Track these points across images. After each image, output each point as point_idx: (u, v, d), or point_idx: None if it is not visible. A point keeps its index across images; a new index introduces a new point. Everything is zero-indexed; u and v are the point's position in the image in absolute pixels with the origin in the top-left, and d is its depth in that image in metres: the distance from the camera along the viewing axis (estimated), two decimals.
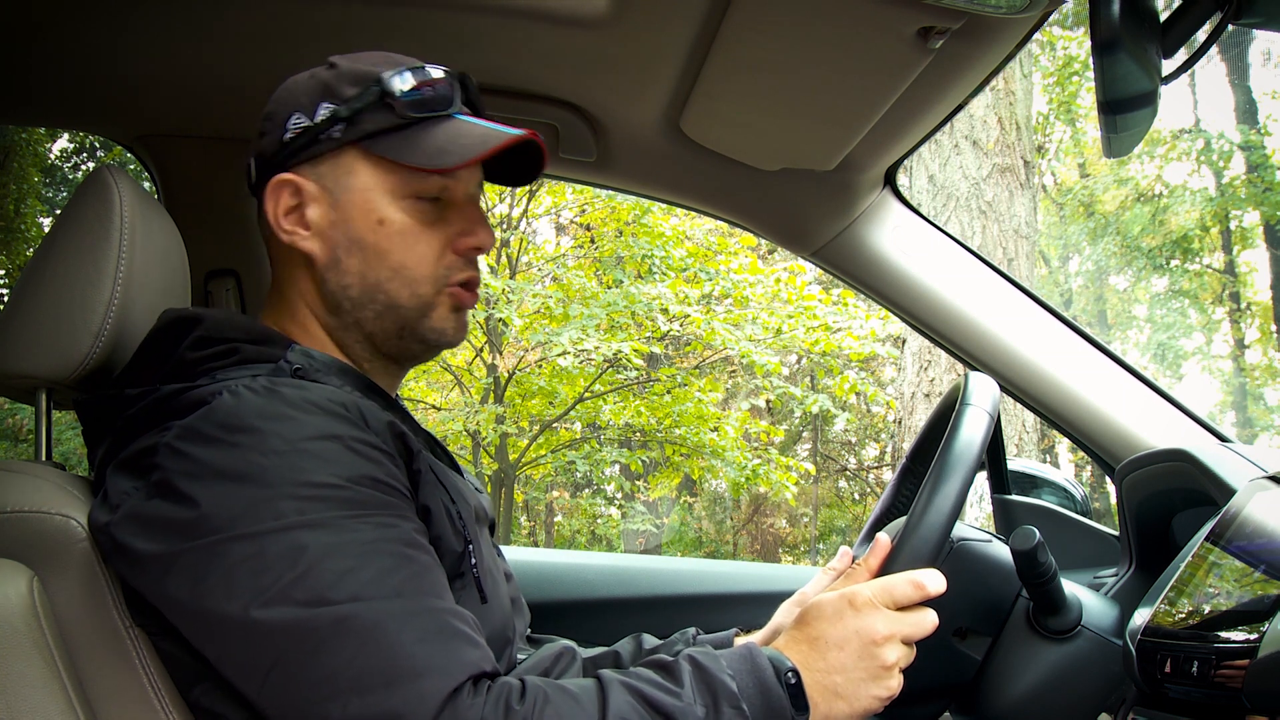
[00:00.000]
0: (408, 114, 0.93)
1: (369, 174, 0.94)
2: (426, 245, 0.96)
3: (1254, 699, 0.78)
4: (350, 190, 0.95)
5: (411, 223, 0.95)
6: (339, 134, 0.94)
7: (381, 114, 0.93)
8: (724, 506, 11.43)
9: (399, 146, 0.93)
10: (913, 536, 0.93)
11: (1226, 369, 13.07)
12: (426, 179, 0.95)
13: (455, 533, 0.91)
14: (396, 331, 0.98)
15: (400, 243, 0.95)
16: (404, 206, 0.95)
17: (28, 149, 7.93)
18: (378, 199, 0.94)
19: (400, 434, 0.88)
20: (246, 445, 0.79)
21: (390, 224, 0.95)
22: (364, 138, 0.94)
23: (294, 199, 0.96)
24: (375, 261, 0.95)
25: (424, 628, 0.76)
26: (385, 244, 0.95)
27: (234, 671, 0.77)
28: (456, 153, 0.92)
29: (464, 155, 0.92)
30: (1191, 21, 0.87)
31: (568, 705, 0.77)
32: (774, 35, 1.08)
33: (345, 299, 0.96)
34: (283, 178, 0.95)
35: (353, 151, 0.95)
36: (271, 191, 0.95)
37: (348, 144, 0.94)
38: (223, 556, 0.76)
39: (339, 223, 0.95)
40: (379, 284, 0.95)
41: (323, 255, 0.96)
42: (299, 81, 0.98)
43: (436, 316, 0.98)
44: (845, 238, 1.51)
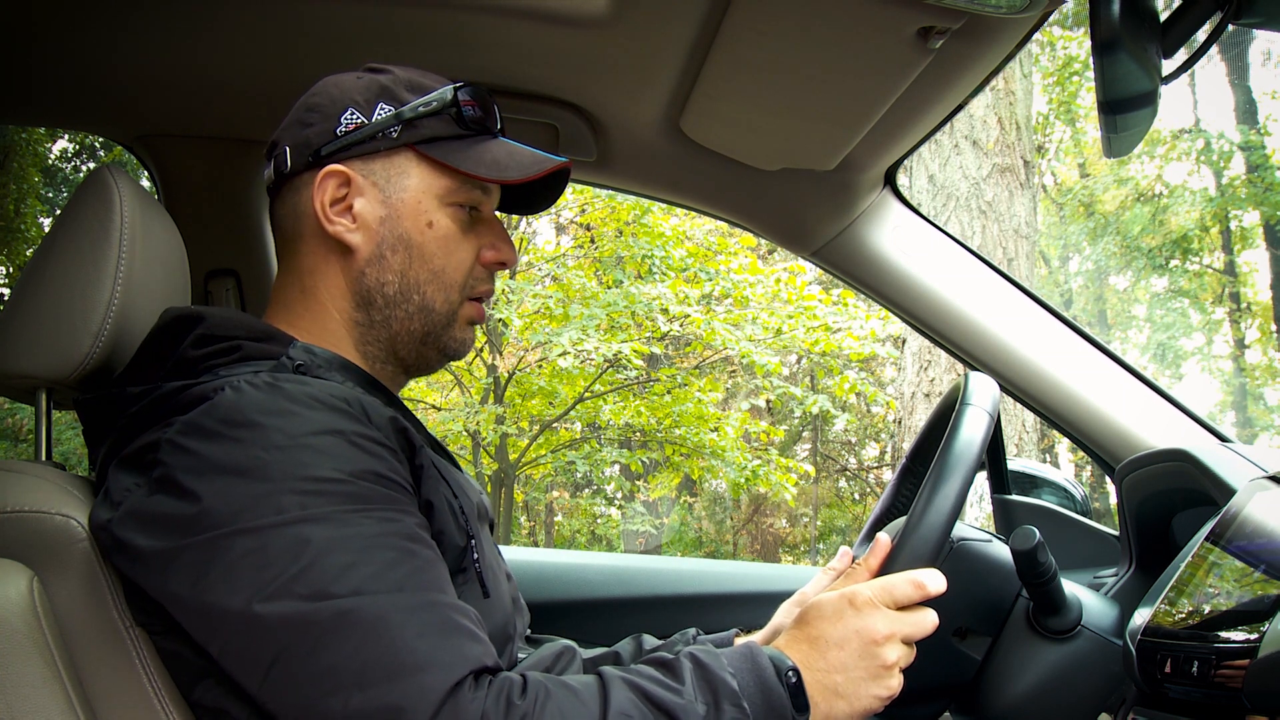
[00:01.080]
0: (467, 126, 0.99)
1: (422, 176, 0.98)
2: (464, 253, 1.01)
3: (1254, 699, 0.78)
4: (404, 190, 0.98)
5: (455, 229, 1.00)
6: (396, 134, 0.97)
7: (441, 122, 0.98)
8: (724, 507, 11.43)
9: (458, 154, 0.98)
10: (913, 536, 0.93)
11: (1226, 369, 13.07)
12: (470, 189, 1.00)
13: (458, 528, 0.91)
14: (421, 336, 1.00)
15: (443, 247, 0.99)
16: (450, 213, 1.00)
17: (28, 149, 7.93)
18: (428, 201, 0.98)
19: (402, 429, 0.89)
20: (249, 440, 0.79)
21: (438, 227, 0.99)
22: (421, 142, 0.97)
23: (342, 190, 0.97)
24: (419, 262, 0.98)
25: (426, 622, 0.76)
26: (431, 246, 0.98)
27: (236, 666, 0.77)
28: (514, 168, 0.98)
29: (522, 171, 0.98)
30: (1191, 21, 0.87)
31: (569, 701, 0.77)
32: (774, 35, 1.08)
33: (380, 295, 0.98)
34: (335, 169, 0.96)
35: (407, 153, 0.98)
36: (321, 181, 0.96)
37: (404, 145, 0.97)
38: (225, 551, 0.76)
39: (388, 219, 0.97)
40: (418, 284, 0.98)
41: (366, 249, 0.98)
42: (347, 80, 1.00)
43: (459, 327, 1.02)
44: (845, 238, 1.51)
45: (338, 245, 0.98)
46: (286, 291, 1.01)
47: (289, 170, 0.98)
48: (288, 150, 0.98)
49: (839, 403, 8.08)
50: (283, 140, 0.99)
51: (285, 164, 0.98)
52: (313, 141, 0.97)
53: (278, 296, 1.02)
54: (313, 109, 0.99)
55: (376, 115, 0.97)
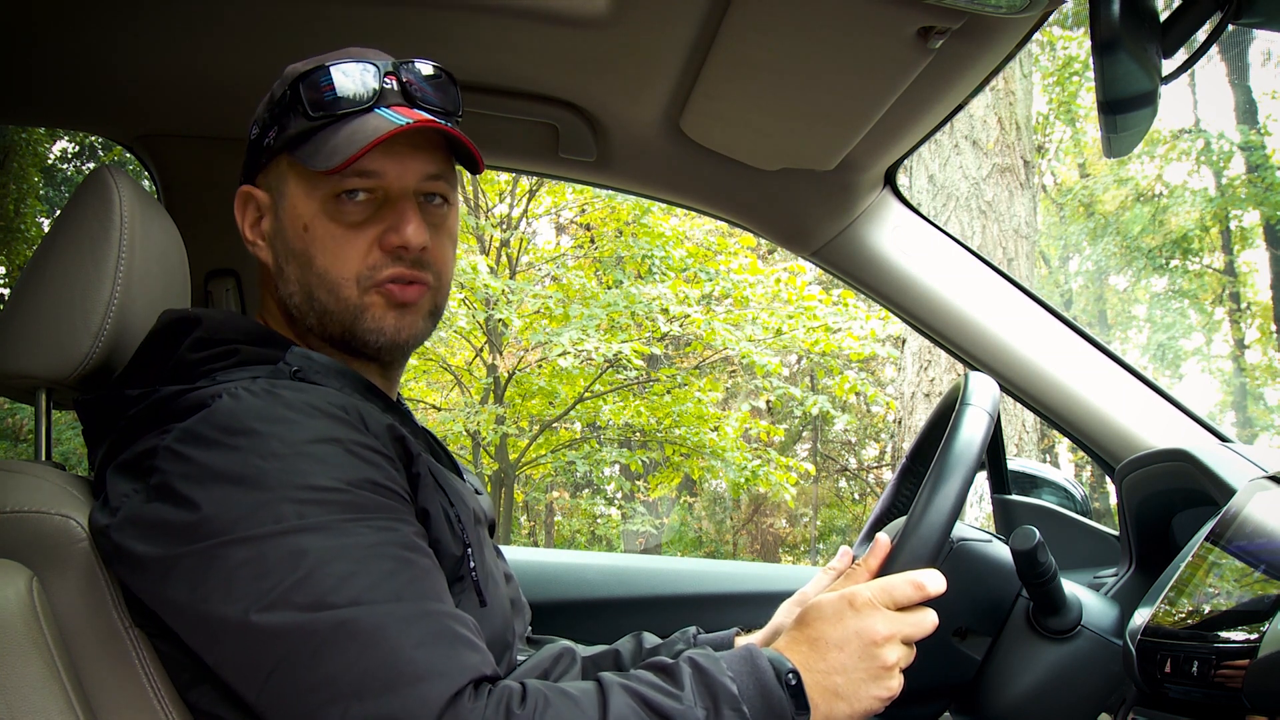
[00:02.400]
0: (315, 115, 0.92)
1: (295, 179, 0.94)
2: (350, 247, 0.93)
3: (1254, 699, 0.78)
4: (285, 197, 0.95)
5: (332, 226, 0.93)
6: (272, 141, 0.95)
7: (298, 118, 0.93)
8: (724, 506, 11.43)
9: (308, 150, 0.92)
10: (913, 536, 0.93)
11: (1226, 369, 13.06)
12: (344, 178, 0.92)
13: (454, 536, 0.90)
14: (340, 335, 0.96)
15: (321, 247, 0.93)
16: (325, 210, 0.93)
17: (28, 149, 7.93)
18: (301, 204, 0.94)
19: (400, 437, 0.88)
20: (246, 448, 0.79)
21: (312, 229, 0.93)
22: (288, 144, 0.93)
23: (256, 211, 0.97)
24: (306, 268, 0.94)
25: (424, 631, 0.75)
26: (311, 249, 0.93)
27: (233, 675, 0.77)
28: (344, 150, 0.89)
29: (348, 152, 0.89)
30: (1191, 21, 0.87)
31: (568, 708, 0.77)
32: (774, 35, 1.08)
33: (293, 306, 0.97)
34: (243, 189, 0.97)
35: (284, 159, 0.95)
36: (238, 204, 0.98)
37: (279, 151, 0.94)
38: (222, 560, 0.75)
39: (279, 231, 0.96)
40: (311, 290, 0.95)
41: (272, 265, 0.97)
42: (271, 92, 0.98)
43: (370, 317, 0.94)
44: (845, 238, 1.51)
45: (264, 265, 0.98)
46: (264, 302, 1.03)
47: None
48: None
49: (839, 403, 8.08)
50: None
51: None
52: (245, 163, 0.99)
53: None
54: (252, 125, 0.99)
55: (259, 125, 0.96)
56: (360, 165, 0.91)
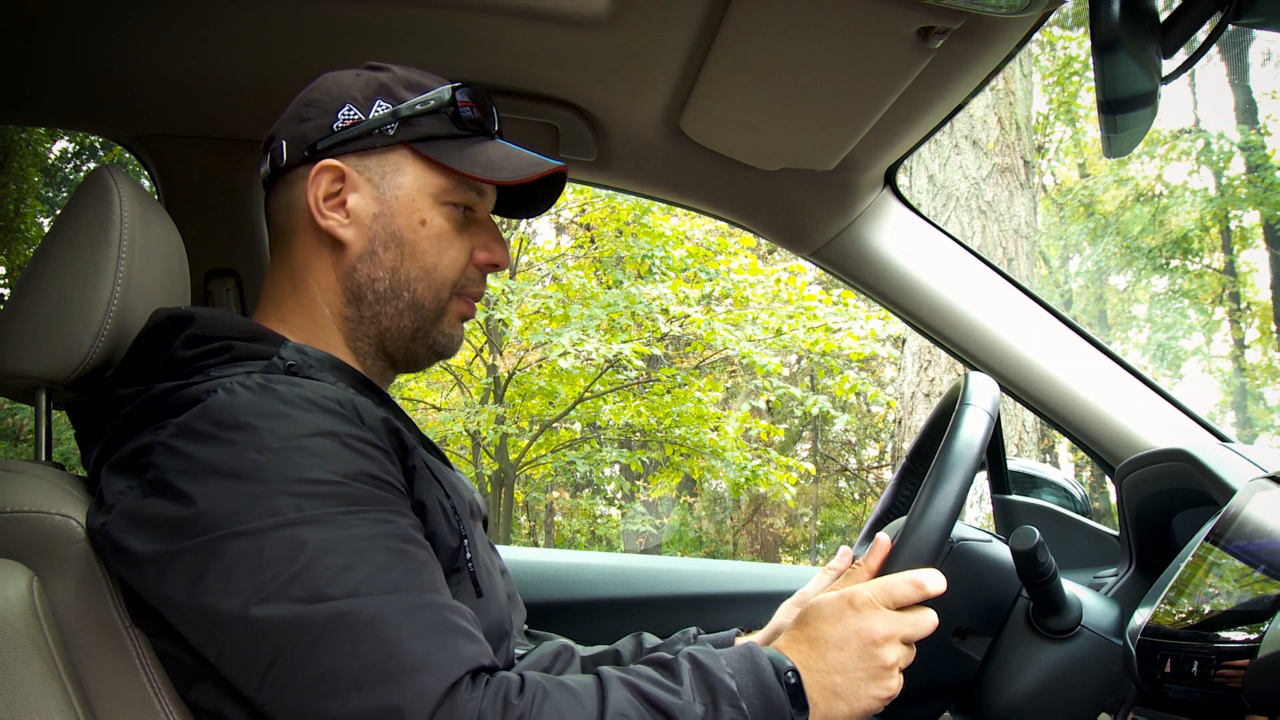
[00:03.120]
0: (464, 126, 1.00)
1: (417, 174, 0.98)
2: (457, 252, 1.01)
3: (1254, 699, 0.78)
4: (398, 187, 0.98)
5: (448, 228, 1.00)
6: (392, 132, 0.97)
7: (438, 121, 0.99)
8: (724, 506, 11.43)
9: (454, 154, 0.98)
10: (913, 536, 0.93)
11: (1226, 369, 13.06)
12: (465, 189, 1.00)
13: (450, 528, 0.91)
14: (411, 332, 1.00)
15: (435, 245, 0.99)
16: (443, 211, 1.00)
17: (28, 149, 7.93)
18: (422, 200, 0.98)
19: (395, 430, 0.88)
20: (242, 442, 0.79)
21: (430, 225, 0.99)
22: (417, 140, 0.98)
23: (336, 186, 0.97)
24: (410, 259, 0.98)
25: (422, 623, 0.76)
26: (423, 244, 0.99)
27: (233, 669, 0.77)
28: (509, 170, 0.99)
29: (517, 173, 0.99)
30: (1191, 21, 0.87)
31: (566, 701, 0.77)
32: (774, 35, 1.08)
33: (370, 291, 0.98)
34: (329, 163, 0.96)
35: (403, 151, 0.98)
36: (315, 175, 0.97)
37: (400, 143, 0.98)
38: (220, 554, 0.76)
39: (381, 215, 0.98)
40: (408, 281, 0.99)
41: (358, 245, 0.98)
42: (346, 77, 1.00)
43: (447, 323, 1.02)
44: (845, 238, 1.51)
45: (330, 240, 0.98)
46: (278, 287, 1.01)
47: (284, 164, 0.98)
48: (284, 144, 0.99)
49: (839, 403, 8.08)
50: (279, 134, 1.00)
51: (281, 158, 0.99)
52: (309, 136, 0.97)
53: (269, 292, 1.02)
54: (310, 104, 0.99)
55: (374, 112, 0.97)
56: (477, 183, 1.00)
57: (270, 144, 1.01)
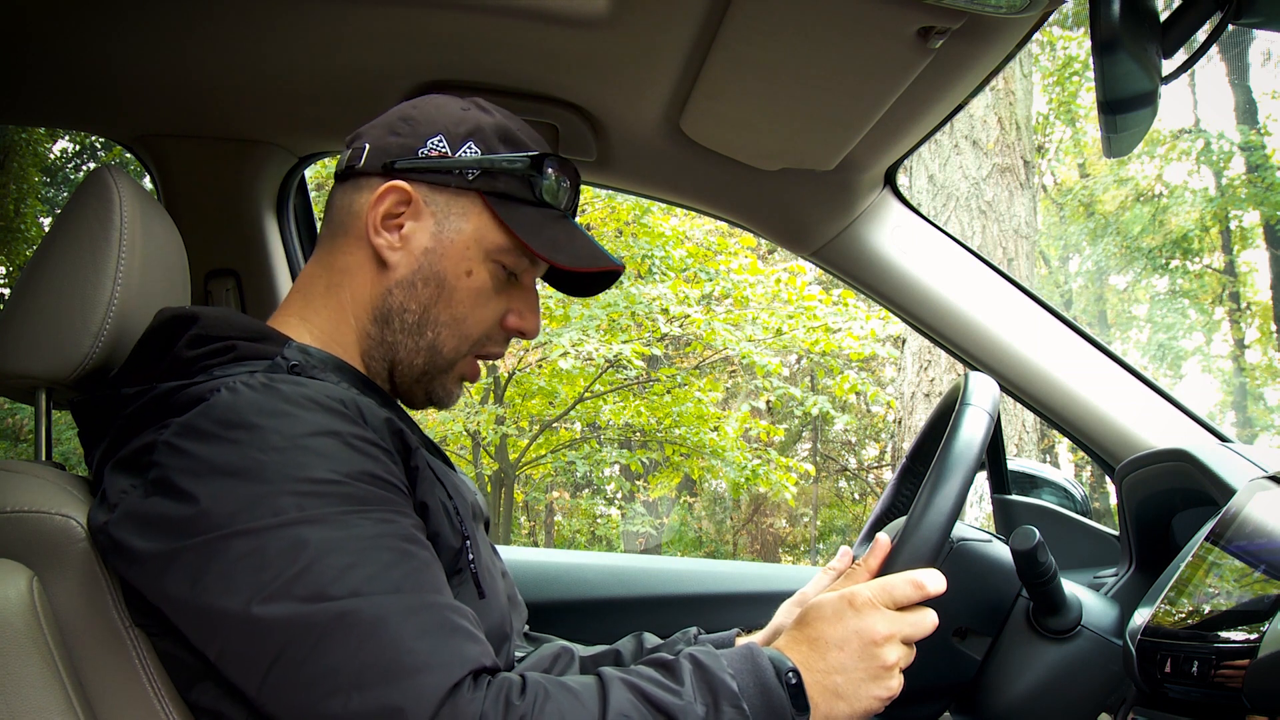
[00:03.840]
0: (542, 198, 1.00)
1: (480, 225, 0.99)
2: (488, 310, 1.01)
3: (1254, 699, 0.78)
4: (458, 231, 0.98)
5: (489, 285, 1.00)
6: (472, 178, 0.98)
7: (519, 184, 0.99)
8: (724, 506, 11.43)
9: (523, 220, 0.98)
10: (913, 536, 0.93)
11: (1226, 369, 13.06)
12: (518, 256, 1.00)
13: (453, 529, 0.91)
14: (419, 373, 1.01)
15: (472, 298, 1.00)
16: (490, 268, 1.00)
17: (28, 149, 7.93)
18: (475, 250, 0.99)
19: (398, 431, 0.89)
20: (245, 442, 0.79)
21: (475, 277, 0.99)
22: (492, 194, 0.98)
23: (399, 208, 0.98)
24: (444, 302, 0.99)
25: (424, 623, 0.76)
26: (461, 293, 0.99)
27: (234, 669, 0.77)
28: (569, 254, 0.99)
29: (575, 261, 0.99)
30: (1191, 21, 0.87)
31: (568, 701, 0.77)
32: (774, 35, 1.08)
33: (399, 319, 0.98)
34: (401, 185, 0.97)
35: (475, 199, 0.98)
36: (384, 191, 0.97)
37: (475, 191, 0.98)
38: (222, 553, 0.76)
39: (432, 252, 0.98)
40: (435, 323, 0.99)
41: (401, 271, 0.98)
42: (450, 106, 1.01)
43: (451, 378, 1.03)
44: (845, 238, 1.51)
45: (376, 256, 0.98)
46: (313, 283, 1.01)
47: (360, 167, 0.99)
48: (366, 148, 0.99)
49: (839, 403, 8.08)
50: (365, 137, 1.00)
51: (360, 159, 0.99)
52: (392, 151, 0.98)
53: (303, 286, 1.01)
54: (407, 119, 1.00)
55: (462, 152, 0.98)
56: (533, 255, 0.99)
57: (354, 141, 1.01)
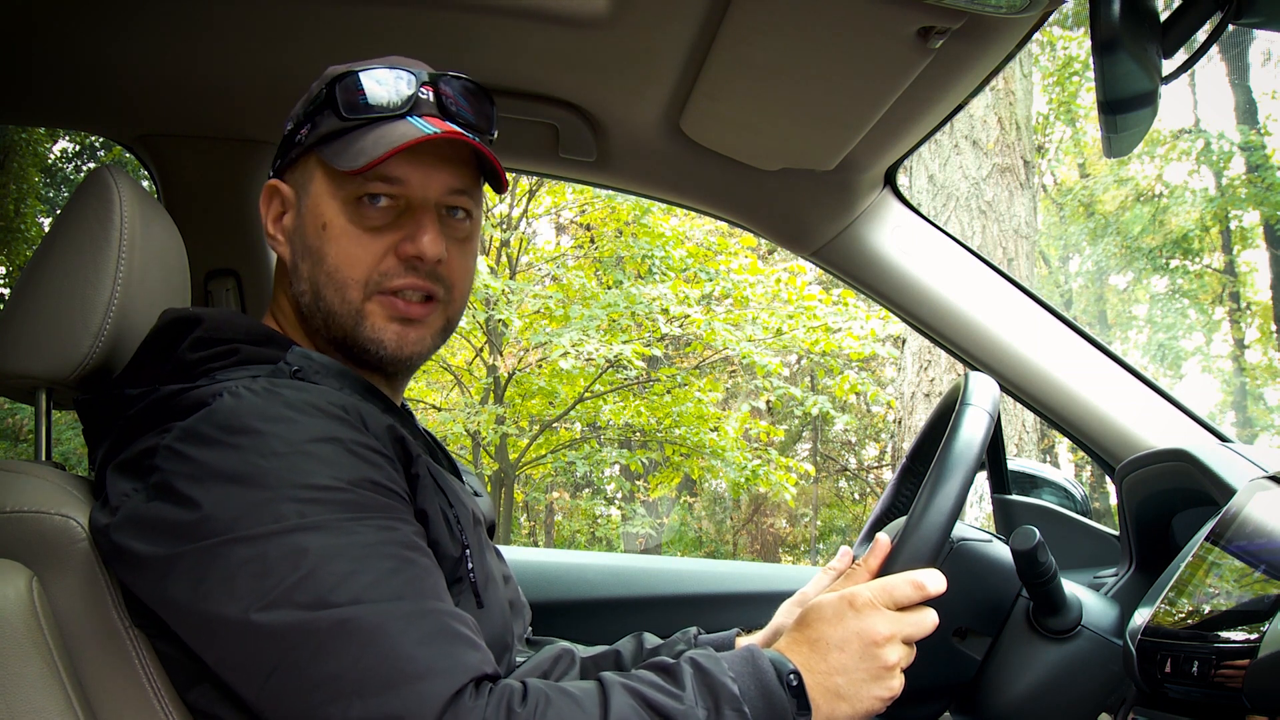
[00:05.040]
0: (347, 116, 0.93)
1: (321, 178, 0.95)
2: (363, 249, 0.93)
3: (1254, 699, 0.78)
4: (309, 195, 0.96)
5: (350, 227, 0.93)
6: (303, 139, 0.96)
7: (330, 118, 0.94)
8: (724, 506, 11.43)
9: (336, 150, 0.93)
10: (913, 536, 0.93)
11: (1226, 369, 13.06)
12: (368, 181, 0.92)
13: (452, 538, 0.90)
14: (341, 339, 0.96)
15: (335, 246, 0.93)
16: (346, 211, 0.93)
17: (28, 149, 7.93)
18: (324, 203, 0.94)
19: (399, 438, 0.88)
20: (247, 447, 0.79)
21: (331, 227, 0.94)
22: (318, 142, 0.94)
23: (280, 205, 0.98)
24: (317, 266, 0.95)
25: (425, 630, 0.76)
26: (325, 247, 0.94)
27: (234, 675, 0.77)
28: (370, 152, 0.90)
29: (374, 154, 0.89)
30: (1191, 21, 0.87)
31: (569, 707, 0.77)
32: (774, 36, 1.08)
33: (304, 305, 0.97)
34: (270, 183, 0.98)
35: (313, 157, 0.96)
36: (264, 197, 0.98)
37: (309, 149, 0.95)
38: (223, 559, 0.75)
39: (298, 228, 0.97)
40: (319, 289, 0.95)
41: (289, 260, 0.98)
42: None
43: (370, 325, 0.94)
44: (845, 238, 1.51)
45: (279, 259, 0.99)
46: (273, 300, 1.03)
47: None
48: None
49: (839, 403, 8.07)
50: None
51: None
52: (276, 156, 0.99)
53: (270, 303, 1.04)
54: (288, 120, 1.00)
55: (292, 122, 0.97)
56: (384, 170, 0.91)
57: None
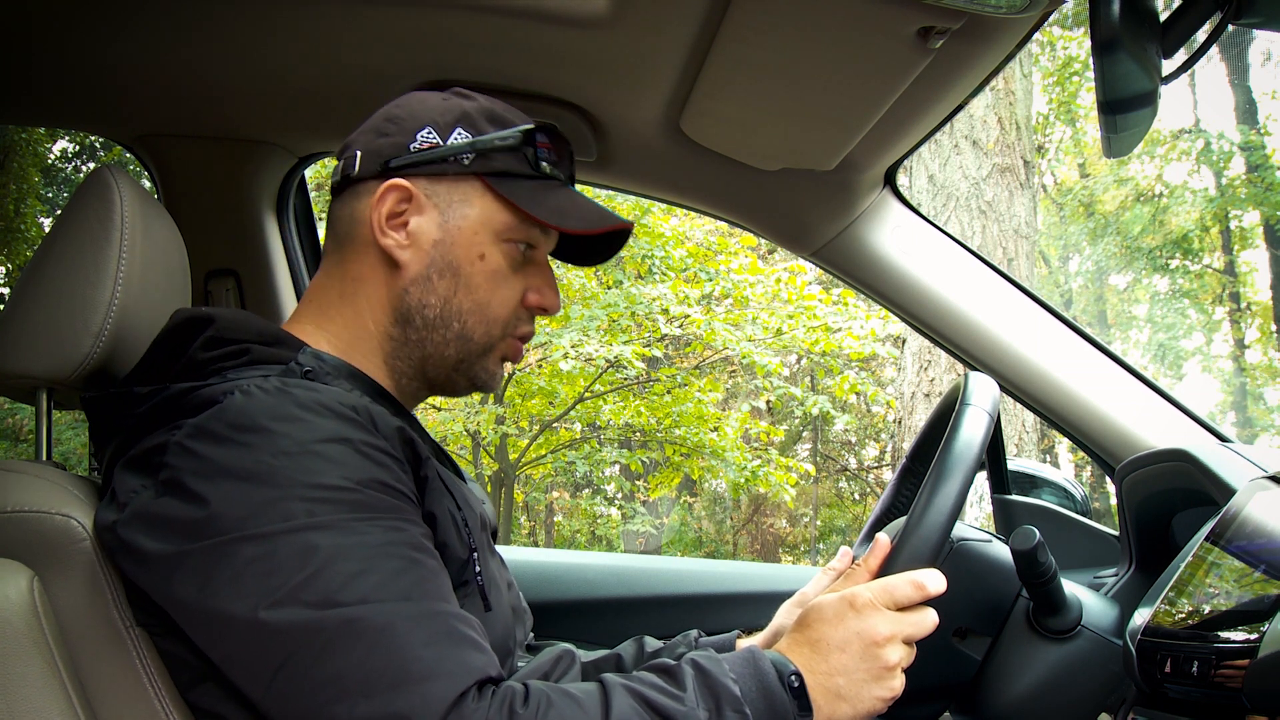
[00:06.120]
0: (540, 169, 0.99)
1: (484, 208, 0.98)
2: (510, 290, 1.00)
3: (1254, 699, 0.78)
4: (463, 218, 0.98)
5: (505, 266, 1.00)
6: (468, 162, 0.97)
7: (515, 159, 0.99)
8: (724, 506, 11.43)
9: (525, 194, 0.98)
10: (913, 536, 0.93)
11: (1226, 369, 13.06)
12: (528, 229, 0.99)
13: (460, 540, 0.90)
14: (454, 363, 1.00)
15: (490, 281, 0.99)
16: (503, 249, 0.99)
17: (28, 149, 7.93)
18: (485, 234, 0.98)
19: (409, 440, 0.88)
20: (257, 445, 0.79)
21: (489, 261, 0.99)
22: (491, 174, 0.98)
23: (402, 206, 0.97)
24: (463, 291, 0.98)
25: (432, 631, 0.76)
26: (479, 278, 0.98)
27: (240, 673, 0.77)
28: (577, 218, 0.98)
29: (584, 224, 0.98)
30: (1191, 21, 0.87)
31: (571, 709, 0.77)
32: (774, 35, 1.08)
33: (419, 316, 0.98)
34: (399, 183, 0.96)
35: (475, 183, 0.98)
36: (383, 192, 0.96)
37: (473, 174, 0.98)
38: (232, 556, 0.76)
39: (442, 243, 0.97)
40: (460, 312, 0.98)
41: (414, 268, 0.97)
42: (432, 99, 1.00)
43: (491, 360, 1.02)
44: (845, 238, 1.51)
45: (386, 258, 0.98)
46: (325, 293, 1.01)
47: (356, 174, 0.98)
48: (358, 155, 0.99)
49: (839, 403, 8.07)
50: (355, 144, 1.00)
51: (353, 168, 0.98)
52: (384, 152, 0.97)
53: (315, 296, 1.01)
54: (392, 119, 0.99)
55: (452, 139, 0.97)
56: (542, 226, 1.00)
57: (345, 152, 1.01)
